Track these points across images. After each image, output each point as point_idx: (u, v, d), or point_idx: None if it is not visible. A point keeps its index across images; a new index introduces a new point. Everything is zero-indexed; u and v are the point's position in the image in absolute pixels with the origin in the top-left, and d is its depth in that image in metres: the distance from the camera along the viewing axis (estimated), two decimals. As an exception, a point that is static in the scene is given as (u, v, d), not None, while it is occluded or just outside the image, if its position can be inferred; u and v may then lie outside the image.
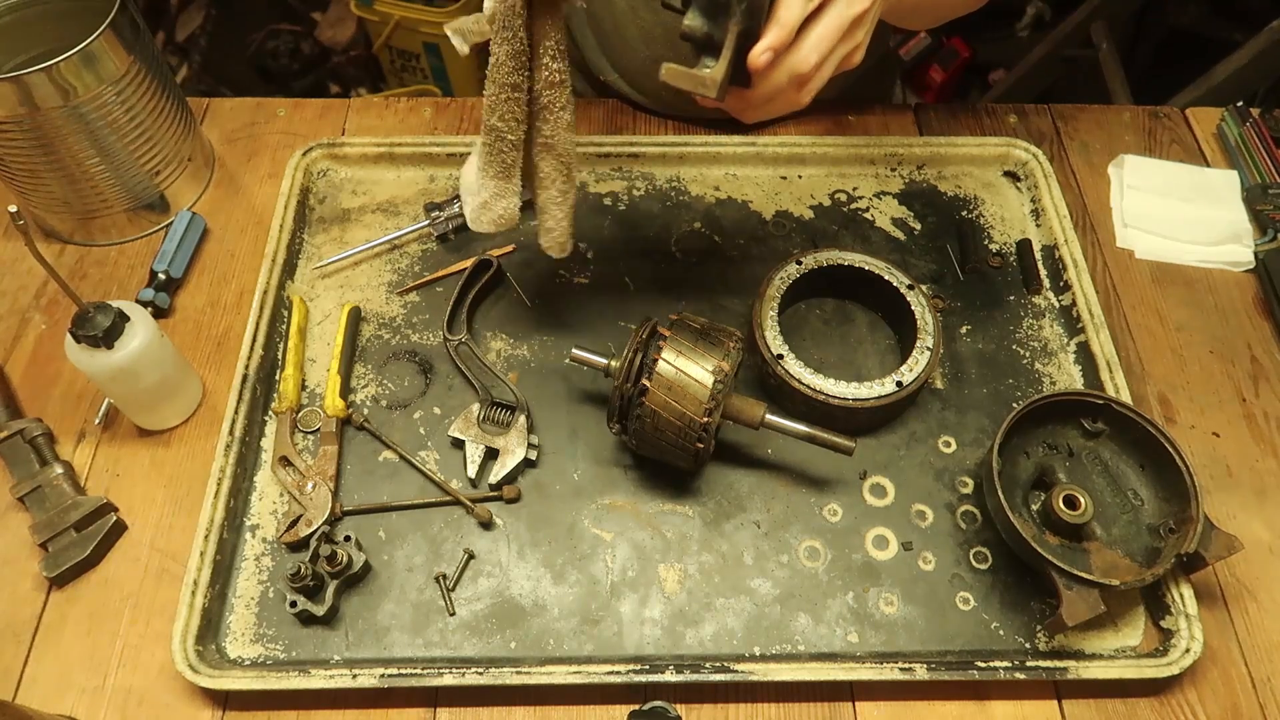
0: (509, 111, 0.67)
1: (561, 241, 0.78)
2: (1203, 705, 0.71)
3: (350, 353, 0.85)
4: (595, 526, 0.77)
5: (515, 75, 0.65)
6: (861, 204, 0.98)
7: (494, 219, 0.73)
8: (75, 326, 0.71)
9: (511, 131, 0.69)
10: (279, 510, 0.78)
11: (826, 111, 1.06)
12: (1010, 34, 2.17)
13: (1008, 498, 0.72)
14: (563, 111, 0.69)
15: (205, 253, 0.94)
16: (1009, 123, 1.07)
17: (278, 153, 1.02)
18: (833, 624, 0.73)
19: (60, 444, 0.81)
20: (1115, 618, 0.74)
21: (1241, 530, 0.78)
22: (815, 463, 0.81)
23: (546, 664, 0.70)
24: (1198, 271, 0.95)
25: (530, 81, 0.67)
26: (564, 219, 0.76)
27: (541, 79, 0.67)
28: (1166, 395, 0.87)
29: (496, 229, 0.74)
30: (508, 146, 0.70)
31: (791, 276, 0.84)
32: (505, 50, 0.64)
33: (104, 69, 0.83)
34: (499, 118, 0.68)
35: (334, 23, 2.23)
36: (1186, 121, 1.08)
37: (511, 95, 0.66)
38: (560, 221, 0.76)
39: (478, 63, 0.74)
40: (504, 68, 0.65)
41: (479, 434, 0.80)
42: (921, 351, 0.80)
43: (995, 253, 0.95)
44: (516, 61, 0.65)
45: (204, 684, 0.68)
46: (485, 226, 0.74)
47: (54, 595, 0.74)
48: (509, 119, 0.68)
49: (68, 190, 0.89)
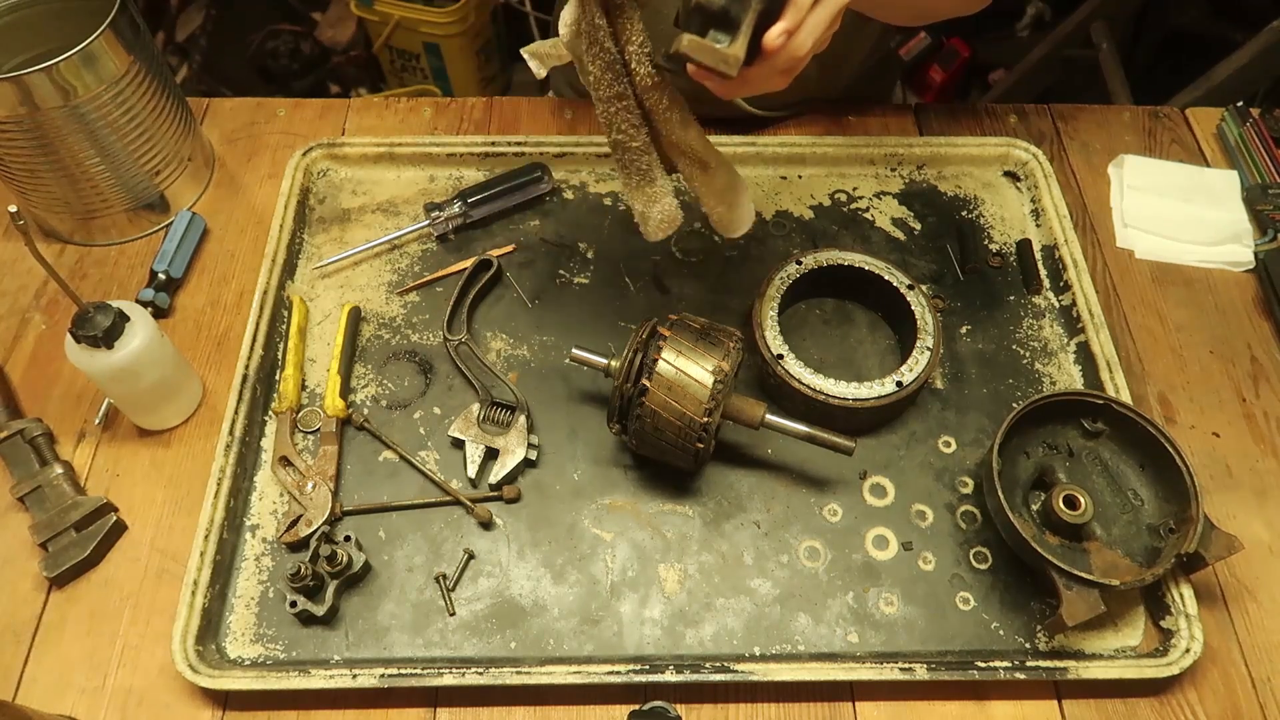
0: (624, 121, 0.67)
1: (725, 224, 0.76)
2: (1203, 705, 0.71)
3: (350, 353, 0.85)
4: (595, 526, 0.77)
5: (616, 85, 0.66)
6: (861, 204, 0.98)
7: (658, 225, 0.73)
8: (75, 326, 0.71)
9: (634, 139, 0.69)
10: (279, 510, 0.78)
11: (826, 111, 1.06)
12: (1010, 34, 2.17)
13: (1008, 498, 0.72)
14: (669, 112, 0.68)
15: (205, 253, 0.94)
16: (1009, 123, 1.07)
17: (278, 153, 1.02)
18: (833, 624, 0.73)
19: (60, 444, 0.81)
20: (1115, 618, 0.74)
21: (1241, 530, 0.78)
22: (815, 463, 0.81)
23: (546, 664, 0.70)
24: (1198, 271, 0.95)
25: (633, 88, 0.67)
26: (717, 204, 0.74)
27: (641, 86, 0.66)
28: (1166, 395, 0.87)
29: (666, 234, 0.74)
30: (636, 154, 0.70)
31: (791, 276, 0.84)
32: (599, 65, 0.65)
33: (104, 69, 0.83)
34: (617, 130, 0.68)
35: (334, 23, 2.23)
36: (1186, 121, 1.08)
37: (620, 105, 0.67)
38: (715, 208, 0.74)
39: (477, 63, 0.74)
40: (603, 82, 0.66)
41: (479, 434, 0.80)
42: (921, 351, 0.80)
43: (995, 253, 0.95)
44: (613, 73, 0.65)
45: (204, 684, 0.68)
46: (658, 234, 0.74)
47: (54, 595, 0.74)
48: (626, 129, 0.68)
49: (68, 190, 0.89)
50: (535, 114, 1.06)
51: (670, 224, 0.73)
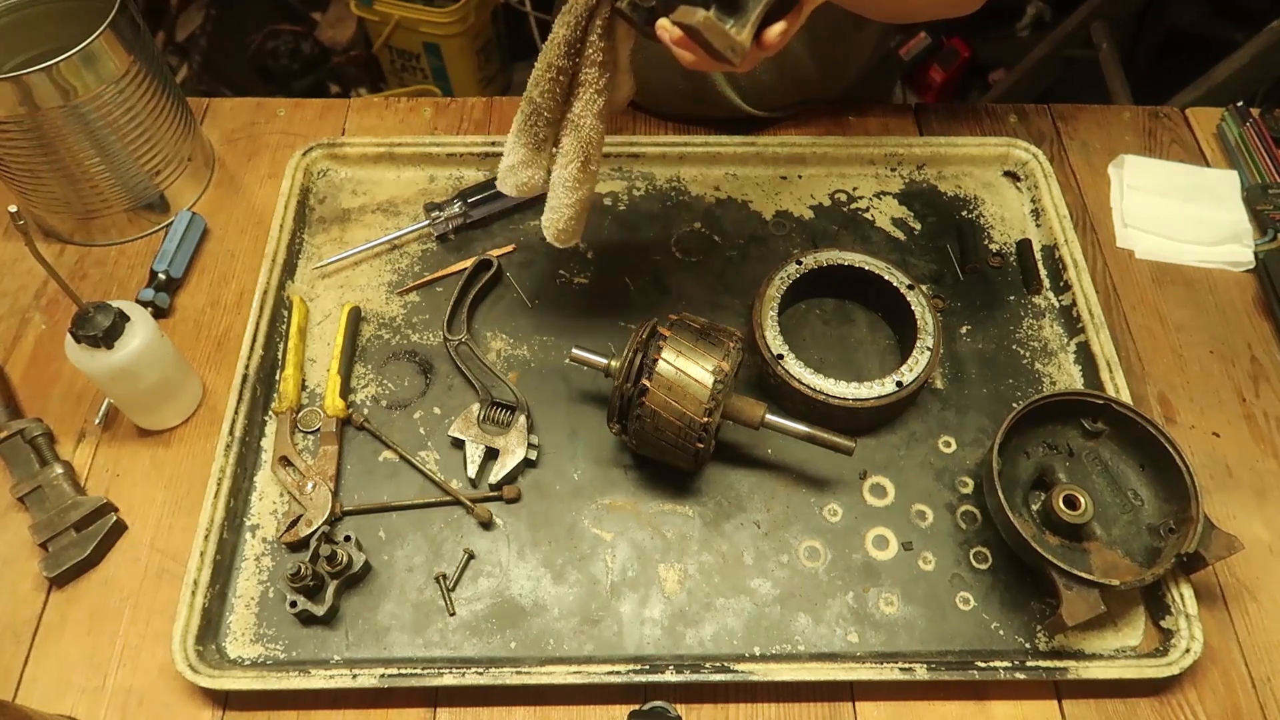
0: (549, 90, 0.70)
1: (560, 228, 0.77)
2: (1203, 705, 0.71)
3: (350, 353, 0.85)
4: (595, 526, 0.77)
5: (564, 59, 0.69)
6: (861, 204, 0.98)
7: (518, 184, 0.77)
8: (75, 326, 0.71)
9: (548, 109, 0.72)
10: (279, 510, 0.78)
11: (826, 111, 1.06)
12: (1010, 34, 2.17)
13: (1008, 498, 0.72)
14: (596, 95, 0.71)
15: (205, 253, 0.94)
16: (1009, 123, 1.07)
17: (278, 153, 1.02)
18: (833, 624, 0.73)
19: (60, 444, 0.81)
20: (1115, 618, 0.74)
21: (1241, 530, 0.78)
22: (815, 463, 0.81)
23: (546, 664, 0.70)
24: (1198, 271, 0.95)
25: (575, 67, 0.70)
26: (570, 205, 0.75)
27: (585, 56, 0.69)
28: (1166, 395, 0.87)
29: (519, 195, 0.77)
30: (543, 122, 0.73)
31: (791, 276, 0.84)
32: (563, 34, 0.68)
33: (104, 69, 0.83)
34: (540, 93, 0.71)
35: (334, 23, 2.22)
36: (1186, 121, 1.08)
37: (556, 77, 0.70)
38: (566, 207, 0.75)
39: (478, 63, 0.75)
40: (557, 49, 0.68)
41: (479, 434, 0.80)
42: (921, 351, 0.80)
43: (995, 253, 0.95)
44: (570, 46, 0.68)
45: (204, 684, 0.68)
46: (509, 189, 0.77)
47: (54, 595, 0.74)
48: (548, 96, 0.71)
49: (68, 190, 0.89)
50: (535, 114, 1.06)
51: (529, 191, 0.77)
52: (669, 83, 1.01)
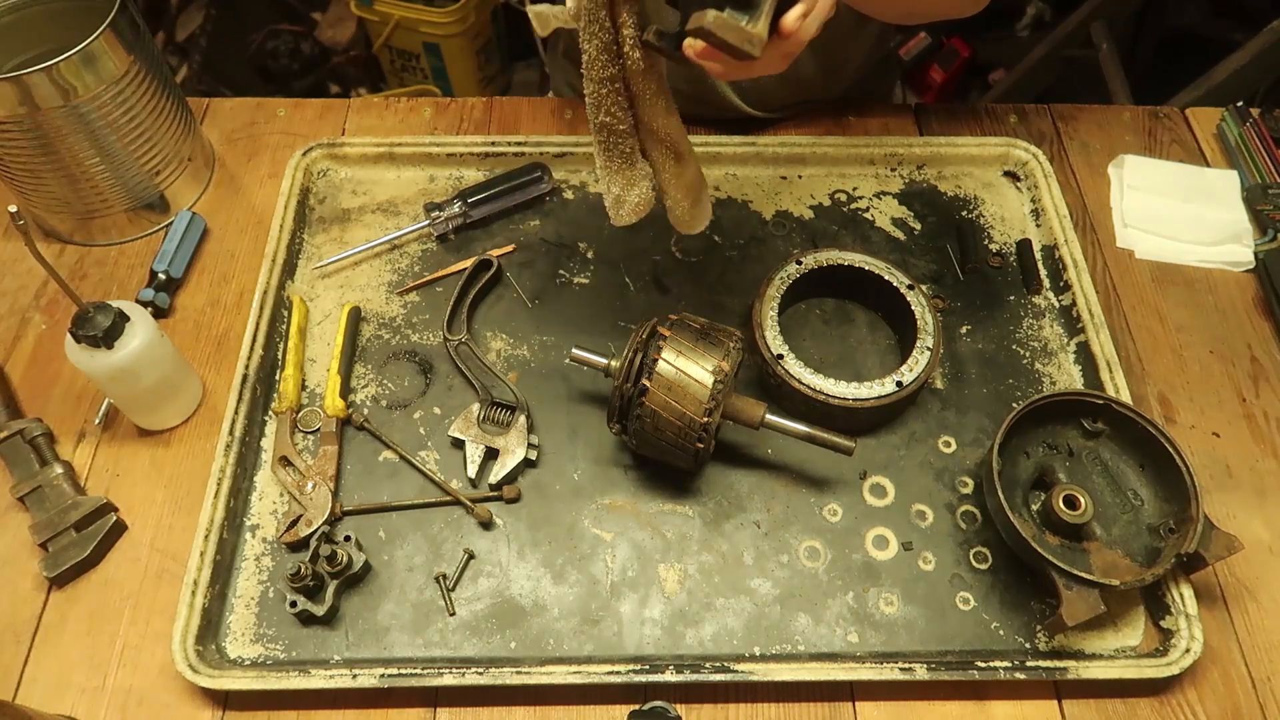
0: (613, 104, 0.68)
1: (687, 219, 0.76)
2: (1203, 705, 0.71)
3: (350, 353, 0.85)
4: (595, 526, 0.77)
5: (610, 68, 0.66)
6: (861, 204, 0.98)
7: (631, 209, 0.74)
8: (75, 326, 0.71)
9: (620, 122, 0.69)
10: (279, 510, 0.78)
11: (826, 111, 1.06)
12: (1010, 34, 2.17)
13: (1008, 498, 0.72)
14: (655, 98, 0.69)
15: (205, 253, 0.94)
16: (1009, 123, 1.07)
17: (278, 153, 1.02)
18: (833, 624, 0.73)
19: (60, 444, 0.81)
20: (1115, 618, 0.74)
21: (1241, 530, 0.78)
22: (815, 463, 0.81)
23: (546, 664, 0.70)
24: (1198, 271, 0.95)
25: (624, 73, 0.67)
26: (683, 198, 0.75)
27: (630, 70, 0.67)
28: (1166, 395, 0.87)
29: (637, 218, 0.75)
30: (621, 137, 0.70)
31: (791, 276, 0.84)
32: (596, 45, 0.65)
33: (104, 69, 0.83)
34: (605, 113, 0.69)
35: (334, 23, 2.23)
36: (1186, 121, 1.08)
37: (612, 88, 0.67)
38: (680, 201, 0.75)
39: (478, 63, 0.74)
40: (598, 63, 0.66)
41: (479, 434, 0.80)
42: (921, 351, 0.80)
43: (995, 253, 0.95)
44: (609, 54, 0.66)
45: (204, 684, 0.68)
46: (626, 219, 0.75)
47: (54, 595, 0.74)
48: (614, 111, 0.68)
49: (68, 190, 0.89)
50: (535, 114, 1.06)
51: (644, 208, 0.74)
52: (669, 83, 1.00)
